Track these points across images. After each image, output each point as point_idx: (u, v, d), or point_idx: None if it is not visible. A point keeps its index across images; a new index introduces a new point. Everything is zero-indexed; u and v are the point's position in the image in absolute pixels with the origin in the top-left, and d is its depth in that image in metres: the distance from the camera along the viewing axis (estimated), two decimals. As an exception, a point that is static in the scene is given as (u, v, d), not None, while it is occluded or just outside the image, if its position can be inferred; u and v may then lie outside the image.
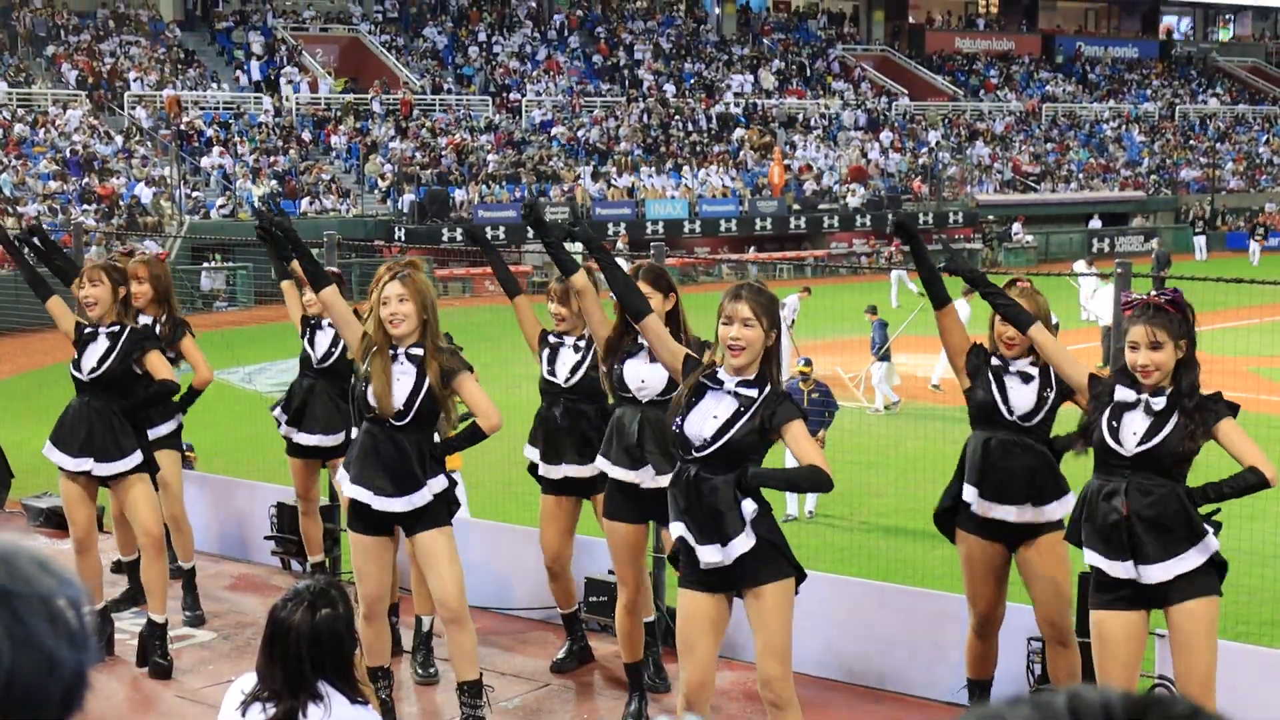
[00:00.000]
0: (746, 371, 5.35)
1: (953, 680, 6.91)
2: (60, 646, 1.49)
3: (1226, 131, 61.45)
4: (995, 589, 6.38)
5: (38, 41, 41.88)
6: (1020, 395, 6.18)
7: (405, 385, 6.16)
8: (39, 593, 1.50)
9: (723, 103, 50.33)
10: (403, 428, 6.20)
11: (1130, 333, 5.35)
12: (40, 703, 1.48)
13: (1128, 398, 5.38)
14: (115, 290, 7.69)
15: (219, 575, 9.61)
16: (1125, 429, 5.36)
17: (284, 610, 4.18)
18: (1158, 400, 5.33)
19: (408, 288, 6.17)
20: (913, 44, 61.91)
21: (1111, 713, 1.14)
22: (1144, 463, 5.32)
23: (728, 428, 5.26)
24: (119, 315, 7.70)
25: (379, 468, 6.21)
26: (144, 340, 7.68)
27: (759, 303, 5.31)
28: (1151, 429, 5.32)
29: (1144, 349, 5.31)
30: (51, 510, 10.71)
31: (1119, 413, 5.39)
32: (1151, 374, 5.31)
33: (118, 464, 7.60)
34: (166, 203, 35.92)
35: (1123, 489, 5.34)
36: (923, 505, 7.98)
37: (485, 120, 44.84)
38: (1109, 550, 5.37)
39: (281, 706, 4.11)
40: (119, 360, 7.57)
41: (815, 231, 43.50)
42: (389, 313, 6.15)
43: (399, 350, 6.20)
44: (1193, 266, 41.18)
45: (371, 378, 6.15)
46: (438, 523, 6.30)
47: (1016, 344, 6.19)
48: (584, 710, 7.21)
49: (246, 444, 15.33)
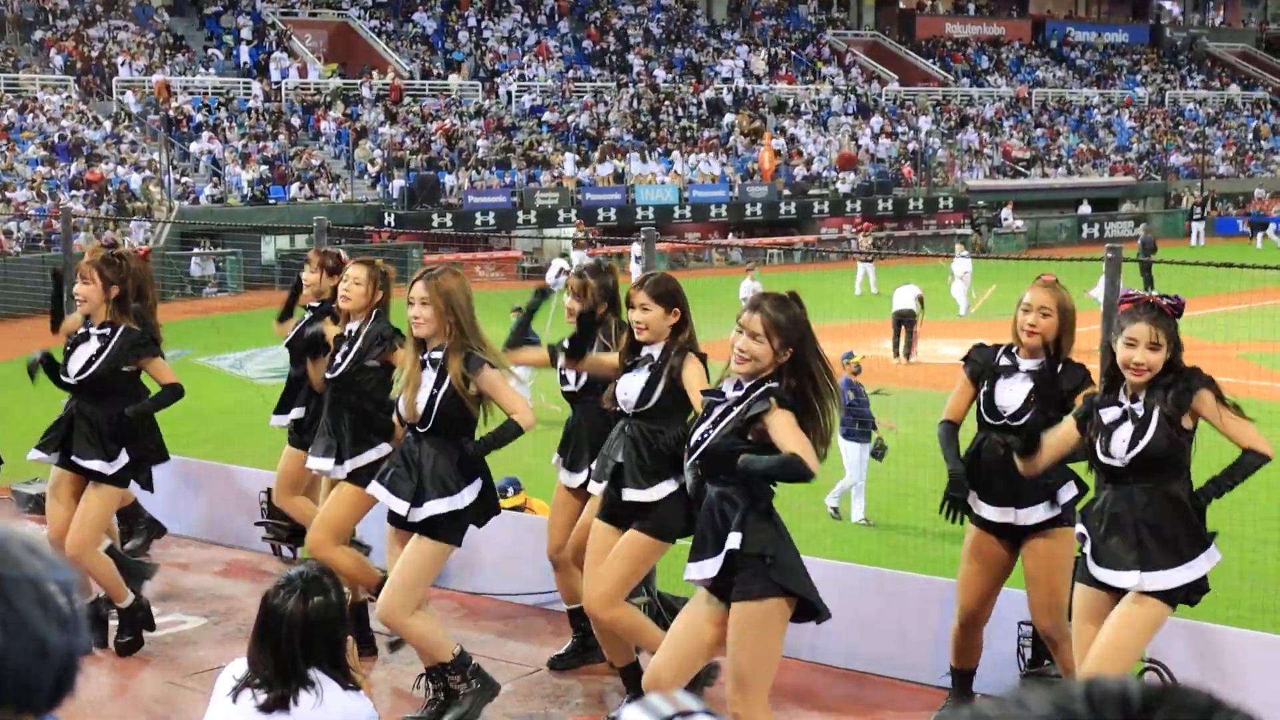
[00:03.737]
0: (750, 378, 5.18)
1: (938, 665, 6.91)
2: (51, 631, 1.48)
3: (1216, 117, 61.51)
4: (987, 585, 6.34)
5: (26, 26, 41.71)
6: (1010, 395, 6.17)
7: (426, 390, 6.10)
8: (29, 576, 1.48)
9: (713, 88, 50.28)
10: (428, 434, 6.15)
11: (1131, 329, 5.26)
12: (32, 687, 1.47)
13: (1114, 416, 5.34)
14: (107, 288, 7.32)
15: (209, 561, 9.59)
16: (1115, 440, 5.31)
17: (277, 598, 4.16)
18: (1138, 406, 5.29)
19: (430, 289, 6.07)
20: (903, 29, 61.87)
21: (1129, 701, 1.14)
22: (1139, 467, 5.28)
23: (708, 433, 5.16)
24: (112, 315, 7.34)
25: (404, 473, 6.21)
26: (139, 345, 7.34)
27: (774, 320, 5.09)
28: (1137, 433, 5.27)
29: (1142, 347, 5.24)
30: (41, 496, 10.67)
31: (1109, 431, 5.34)
32: (1144, 373, 5.26)
33: (101, 465, 7.33)
34: (155, 188, 35.82)
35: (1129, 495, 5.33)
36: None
37: (475, 106, 44.77)
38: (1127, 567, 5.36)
39: (272, 693, 4.10)
40: (107, 363, 7.25)
41: (805, 217, 43.49)
42: (411, 314, 6.10)
43: (425, 355, 6.15)
44: (1187, 251, 41.22)
45: (404, 384, 6.16)
46: (435, 534, 6.22)
47: (1038, 331, 6.14)
48: (574, 696, 7.21)
49: (236, 430, 15.31)
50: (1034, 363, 6.16)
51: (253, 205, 36.40)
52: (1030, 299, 6.19)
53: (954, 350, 27.90)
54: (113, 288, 7.33)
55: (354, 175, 39.59)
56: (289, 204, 36.63)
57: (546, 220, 39.17)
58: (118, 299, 7.36)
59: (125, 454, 7.39)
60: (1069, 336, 6.14)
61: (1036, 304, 6.15)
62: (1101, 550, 5.37)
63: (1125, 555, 5.30)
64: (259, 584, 8.51)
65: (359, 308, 7.30)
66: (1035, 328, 6.10)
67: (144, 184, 35.69)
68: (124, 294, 7.39)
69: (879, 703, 7.12)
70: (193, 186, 36.71)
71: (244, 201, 36.56)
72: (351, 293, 7.29)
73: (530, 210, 39.16)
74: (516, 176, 40.73)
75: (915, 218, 45.48)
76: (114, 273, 7.36)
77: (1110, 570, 5.35)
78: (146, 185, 35.74)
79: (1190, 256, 34.82)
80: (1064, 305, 6.13)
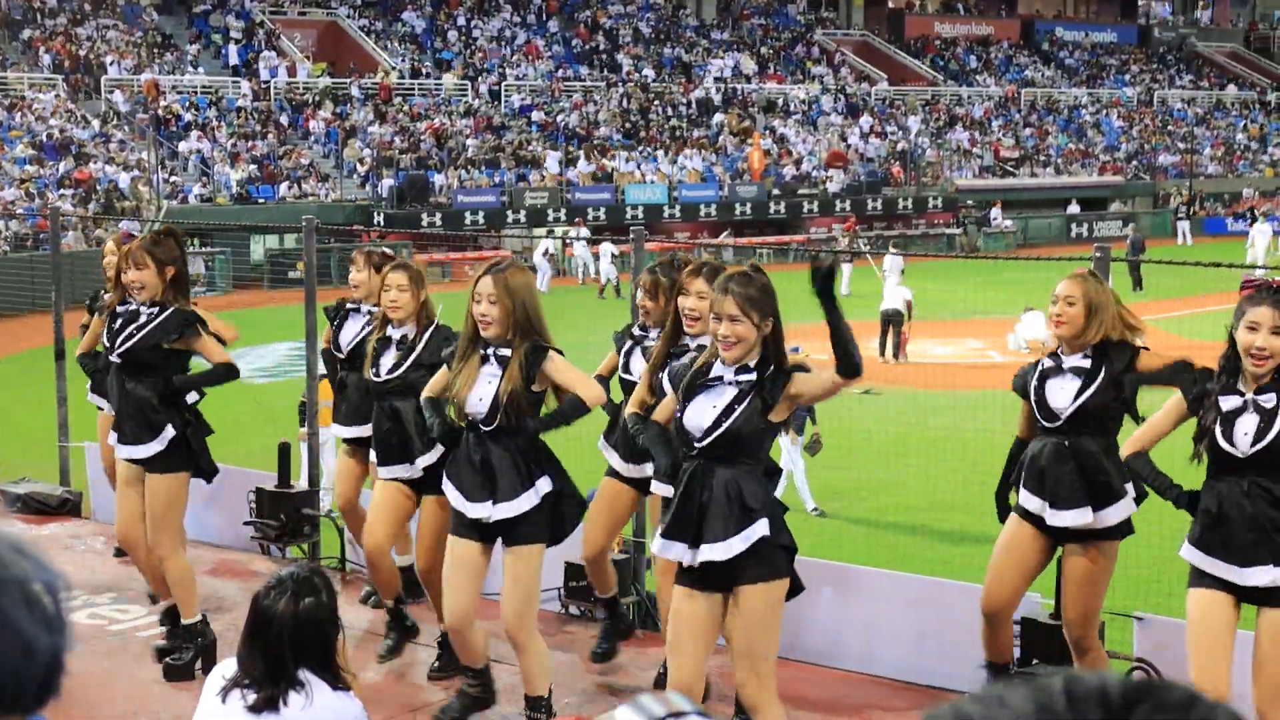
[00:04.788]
0: (746, 360, 5.19)
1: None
2: (38, 631, 1.47)
3: (1205, 116, 61.64)
4: (1017, 577, 6.19)
5: (14, 25, 41.63)
6: (1061, 395, 6.02)
7: (492, 388, 5.86)
8: (15, 577, 1.48)
9: (702, 87, 50.30)
10: (493, 433, 5.93)
11: (1252, 313, 5.15)
12: (17, 687, 1.47)
13: (1235, 405, 5.21)
14: (162, 270, 7.01)
15: (197, 561, 9.53)
16: (1237, 430, 5.18)
17: (267, 598, 4.15)
18: (1266, 398, 5.16)
19: (499, 287, 5.82)
20: (892, 28, 61.93)
21: (1109, 697, 1.13)
22: (1261, 461, 5.16)
23: (726, 415, 5.12)
24: (164, 295, 7.04)
25: (469, 474, 5.97)
26: (186, 324, 7.06)
27: (747, 296, 5.10)
28: (1264, 425, 5.14)
29: (1264, 331, 5.13)
30: (29, 496, 10.65)
31: (1231, 419, 5.20)
32: (1266, 360, 5.14)
33: (147, 447, 7.09)
34: (144, 187, 35.77)
35: (1244, 488, 5.20)
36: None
37: (464, 105, 44.74)
38: (1227, 555, 5.24)
39: (262, 694, 4.09)
40: (149, 337, 6.98)
41: (795, 217, 43.52)
42: (479, 312, 5.86)
43: (489, 351, 5.92)
44: (1176, 251, 41.33)
45: (458, 380, 5.92)
46: (527, 539, 5.99)
47: (1065, 321, 6.00)
48: (565, 695, 7.20)
49: (227, 430, 15.26)
50: (1078, 358, 6.02)
51: (241, 204, 36.35)
52: (1058, 290, 6.12)
53: (945, 351, 28.08)
54: (168, 268, 7.05)
55: (343, 174, 39.55)
56: (278, 203, 36.59)
57: (536, 220, 39.16)
58: (174, 279, 7.08)
59: (171, 428, 7.13)
60: (1097, 326, 5.96)
61: (1063, 294, 6.08)
62: (1220, 541, 5.24)
63: (1251, 550, 5.17)
64: (248, 584, 8.50)
65: (410, 314, 7.16)
66: (1062, 317, 5.98)
67: (133, 183, 35.63)
68: (180, 274, 7.11)
69: (867, 702, 7.12)
70: (181, 186, 36.66)
71: (233, 201, 36.51)
72: (400, 301, 7.10)
73: (520, 209, 39.16)
74: (506, 176, 40.72)
75: (904, 217, 45.54)
76: (165, 252, 7.08)
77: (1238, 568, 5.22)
78: (135, 184, 35.68)
79: (1179, 256, 34.89)
80: (1089, 295, 6.02)
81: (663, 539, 5.27)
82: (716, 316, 5.16)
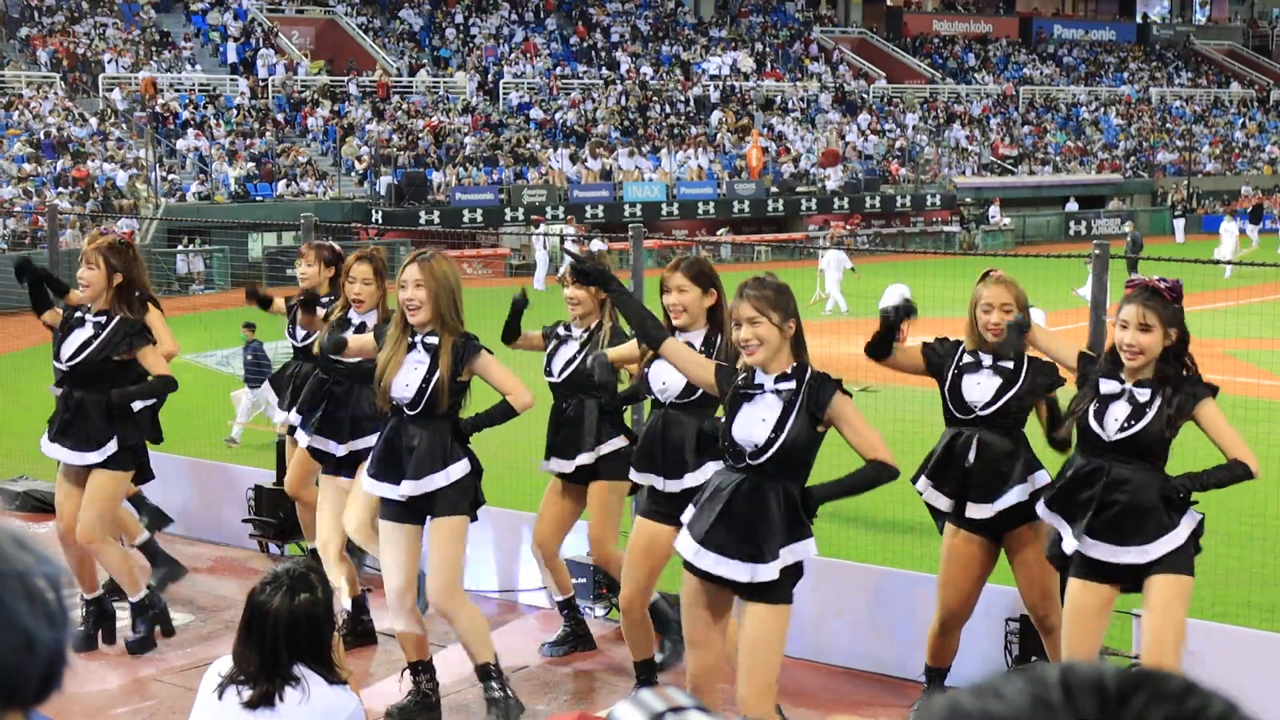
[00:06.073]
0: (779, 365, 5.17)
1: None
2: (39, 625, 1.47)
3: (1203, 114, 61.62)
4: (970, 584, 6.31)
5: (11, 23, 41.58)
6: (978, 390, 6.14)
7: (419, 374, 6.07)
8: (16, 570, 1.48)
9: (700, 85, 50.26)
10: (416, 417, 6.13)
11: (1123, 311, 5.39)
12: (19, 682, 1.47)
13: (1113, 390, 5.44)
14: (111, 275, 7.16)
15: (196, 558, 9.57)
16: (1109, 415, 5.42)
17: (263, 594, 4.16)
18: (1142, 391, 5.38)
19: (424, 273, 6.06)
20: (890, 26, 61.88)
21: (1104, 687, 1.13)
22: (1124, 448, 5.39)
23: (779, 429, 5.09)
24: (111, 303, 7.19)
25: (394, 457, 6.16)
26: (133, 334, 7.16)
27: (763, 297, 5.10)
28: (1133, 416, 5.38)
29: (1133, 329, 5.36)
30: (27, 494, 10.66)
31: (1105, 402, 5.45)
32: (1135, 355, 5.36)
33: (89, 455, 7.24)
34: (142, 185, 35.73)
35: (1105, 470, 5.41)
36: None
37: (462, 103, 44.70)
38: (1075, 526, 5.47)
39: (258, 690, 4.10)
40: (98, 350, 7.13)
41: (793, 214, 43.49)
42: (404, 297, 6.07)
43: (416, 339, 6.11)
44: (1171, 249, 41.31)
45: (386, 365, 6.08)
46: (451, 510, 6.19)
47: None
48: (561, 693, 7.21)
49: (224, 427, 15.29)
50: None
51: (239, 202, 36.32)
52: (990, 297, 6.16)
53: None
54: (116, 275, 7.18)
55: (341, 172, 39.51)
56: (276, 201, 36.55)
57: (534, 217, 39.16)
58: (120, 287, 7.20)
59: (115, 441, 7.25)
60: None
61: (998, 302, 6.14)
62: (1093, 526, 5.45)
63: (1118, 533, 5.42)
64: (245, 581, 8.49)
65: (374, 305, 7.40)
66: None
67: (130, 181, 35.59)
68: (127, 282, 7.22)
69: (862, 699, 7.13)
70: (179, 183, 36.62)
71: (230, 198, 36.48)
72: (364, 294, 7.36)
73: (518, 207, 39.12)
74: (504, 173, 40.69)
75: (903, 215, 45.51)
76: (119, 260, 7.21)
77: (1109, 546, 5.43)
78: (133, 182, 35.64)
79: (1176, 254, 34.88)
80: (1020, 299, 6.13)
81: (717, 555, 5.17)
82: (737, 323, 5.16)
